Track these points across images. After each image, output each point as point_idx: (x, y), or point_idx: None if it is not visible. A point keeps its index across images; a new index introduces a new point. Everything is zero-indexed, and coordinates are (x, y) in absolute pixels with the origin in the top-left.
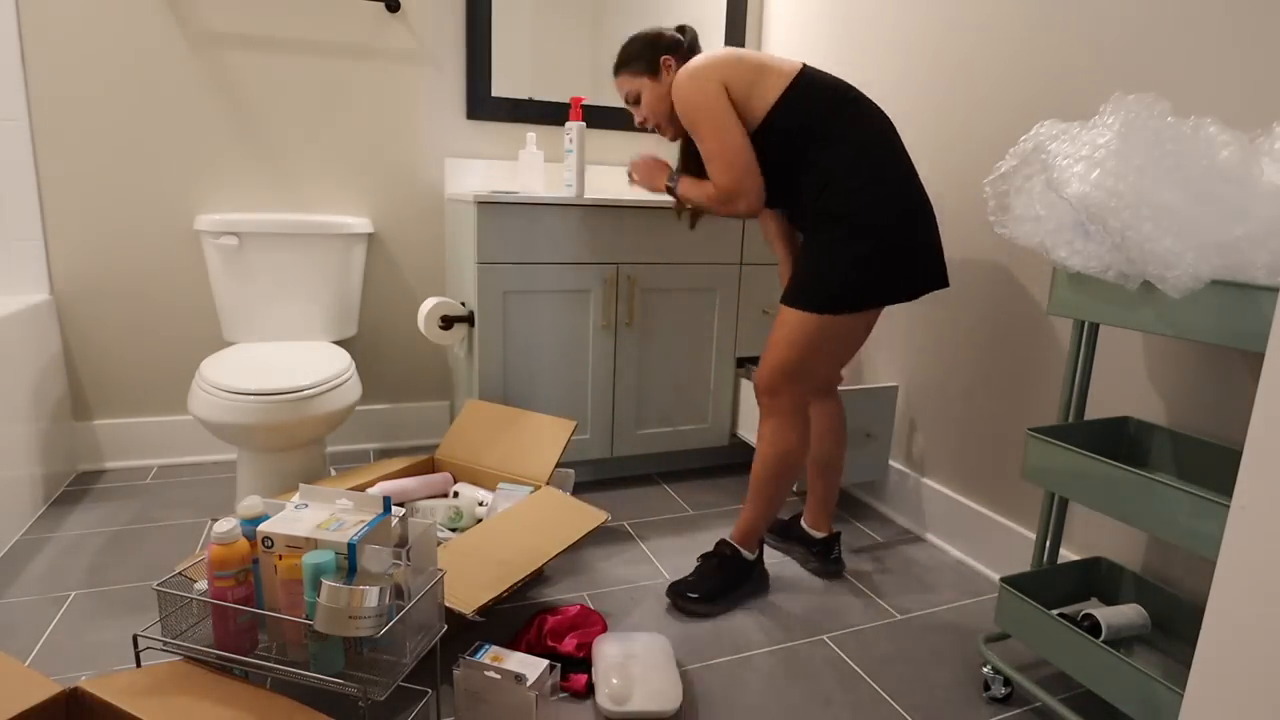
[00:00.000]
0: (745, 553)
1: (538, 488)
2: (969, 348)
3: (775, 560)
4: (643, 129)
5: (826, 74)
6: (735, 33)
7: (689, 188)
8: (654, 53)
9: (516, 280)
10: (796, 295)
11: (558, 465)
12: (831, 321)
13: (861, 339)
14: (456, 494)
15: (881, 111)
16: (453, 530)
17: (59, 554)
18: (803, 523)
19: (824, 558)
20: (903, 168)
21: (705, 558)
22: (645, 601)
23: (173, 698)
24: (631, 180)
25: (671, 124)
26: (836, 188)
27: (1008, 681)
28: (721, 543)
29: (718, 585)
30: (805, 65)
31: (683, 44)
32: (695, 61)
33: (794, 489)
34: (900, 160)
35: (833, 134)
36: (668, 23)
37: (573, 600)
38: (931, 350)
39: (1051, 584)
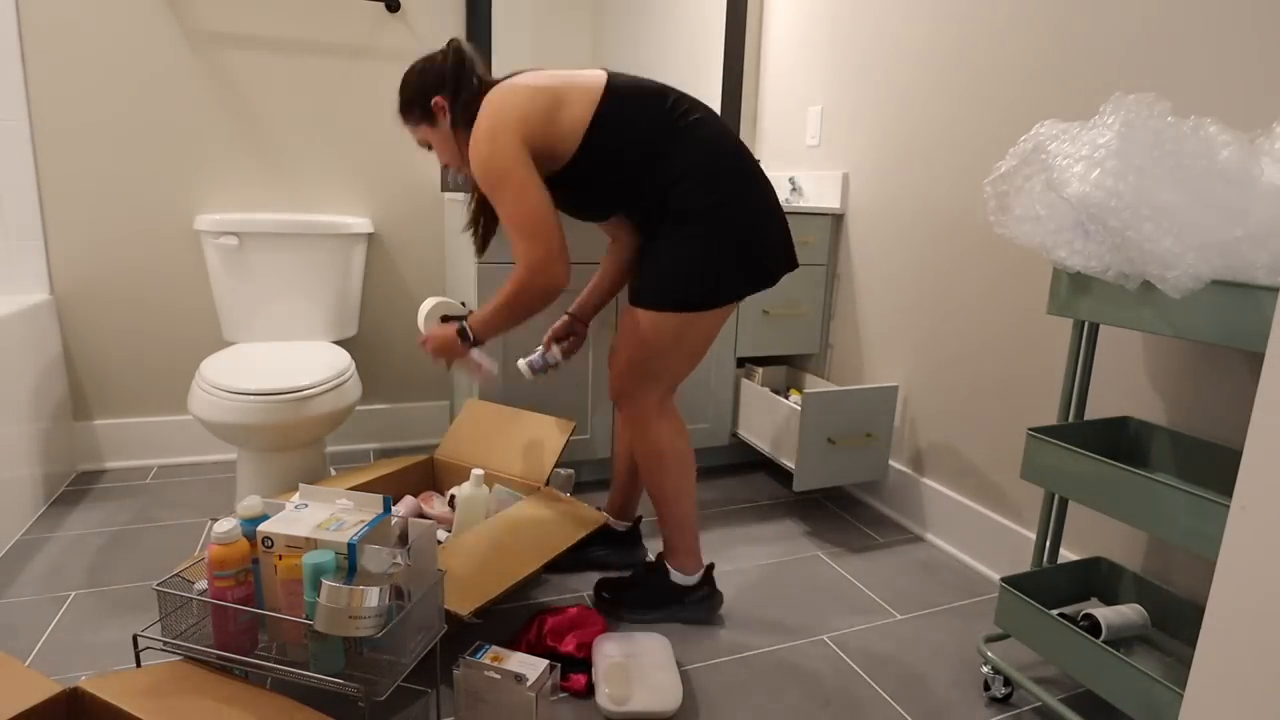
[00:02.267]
0: (678, 576)
1: (537, 488)
2: (969, 348)
3: (775, 560)
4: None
5: (635, 78)
6: (735, 32)
7: (486, 317)
8: (422, 96)
9: None
10: (651, 295)
11: (558, 465)
12: (690, 318)
13: (714, 336)
14: (453, 497)
15: (704, 105)
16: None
17: (59, 554)
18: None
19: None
20: (747, 164)
21: (641, 567)
22: None
23: (173, 698)
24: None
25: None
26: (685, 188)
27: (1008, 681)
28: (660, 557)
29: (642, 599)
30: (610, 74)
31: (445, 75)
32: (486, 120)
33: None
34: (742, 155)
35: (669, 146)
36: (667, 26)
37: (573, 600)
38: (932, 350)
39: (1051, 584)
